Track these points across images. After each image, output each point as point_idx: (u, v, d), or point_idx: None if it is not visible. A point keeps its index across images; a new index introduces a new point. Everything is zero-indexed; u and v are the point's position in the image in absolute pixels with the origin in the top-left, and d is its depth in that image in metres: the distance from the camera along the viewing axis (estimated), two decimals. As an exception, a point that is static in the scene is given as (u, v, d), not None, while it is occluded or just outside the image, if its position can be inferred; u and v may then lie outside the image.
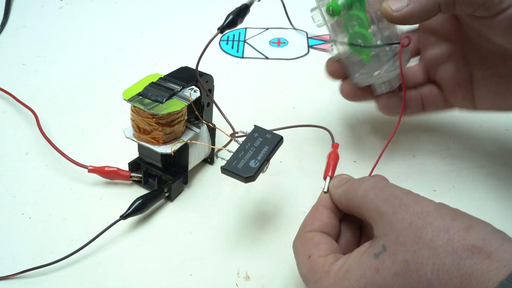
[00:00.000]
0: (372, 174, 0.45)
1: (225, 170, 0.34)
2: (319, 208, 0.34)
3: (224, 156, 0.39)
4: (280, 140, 0.37)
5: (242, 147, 0.36)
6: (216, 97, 0.43)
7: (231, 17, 0.38)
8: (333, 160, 0.40)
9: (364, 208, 0.30)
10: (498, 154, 0.46)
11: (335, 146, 0.42)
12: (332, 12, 0.37)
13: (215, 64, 0.59)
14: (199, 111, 0.42)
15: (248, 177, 0.34)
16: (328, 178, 0.36)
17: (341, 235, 0.33)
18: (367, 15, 0.37)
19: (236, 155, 0.35)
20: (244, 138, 0.37)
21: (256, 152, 0.35)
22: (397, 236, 0.27)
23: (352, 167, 0.45)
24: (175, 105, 0.37)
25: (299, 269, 0.31)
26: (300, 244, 0.32)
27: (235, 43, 0.62)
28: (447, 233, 0.26)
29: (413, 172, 0.45)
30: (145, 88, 0.38)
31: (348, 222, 0.34)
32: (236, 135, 0.39)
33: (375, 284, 0.27)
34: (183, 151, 0.40)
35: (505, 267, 0.23)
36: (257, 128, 0.37)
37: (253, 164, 0.35)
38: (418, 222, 0.27)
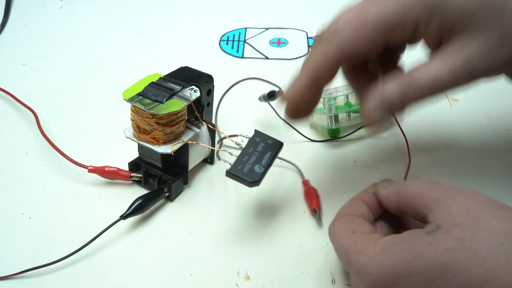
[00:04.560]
0: (374, 176, 0.45)
1: (230, 174, 0.35)
2: (358, 202, 0.34)
3: (224, 157, 0.39)
4: (281, 146, 0.38)
5: (245, 151, 0.36)
6: (216, 97, 0.43)
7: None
8: (312, 195, 0.41)
9: (417, 201, 0.30)
10: (498, 154, 0.46)
11: (306, 183, 0.43)
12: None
13: (215, 64, 0.59)
14: (199, 111, 0.42)
15: (254, 181, 0.35)
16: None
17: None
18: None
19: (240, 159, 0.35)
20: (246, 141, 0.37)
21: (260, 157, 0.36)
22: (454, 218, 0.27)
23: (352, 166, 0.45)
24: (175, 105, 0.37)
25: (340, 244, 0.31)
26: (341, 223, 0.32)
27: (235, 43, 0.62)
28: (506, 221, 0.26)
29: (413, 172, 0.45)
30: (145, 88, 0.38)
31: (384, 223, 0.34)
32: (235, 137, 0.39)
33: (425, 256, 0.26)
34: (183, 151, 0.40)
35: None
36: (258, 133, 0.38)
37: (258, 169, 0.35)
38: (476, 208, 0.27)
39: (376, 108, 0.32)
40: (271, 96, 0.44)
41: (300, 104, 0.35)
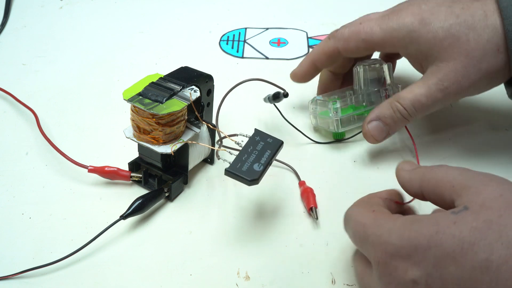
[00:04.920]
0: (374, 176, 0.45)
1: (229, 172, 0.35)
2: (375, 198, 0.34)
3: (224, 157, 0.39)
4: (281, 144, 0.38)
5: (244, 150, 0.36)
6: (216, 97, 0.43)
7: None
8: (309, 194, 0.41)
9: (444, 186, 0.29)
10: (498, 154, 0.46)
11: (302, 184, 0.43)
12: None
13: (215, 64, 0.59)
14: (199, 111, 0.42)
15: (253, 180, 0.34)
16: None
17: None
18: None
19: (239, 158, 0.35)
20: (246, 140, 0.37)
21: (259, 155, 0.36)
22: (484, 201, 0.27)
23: (352, 166, 0.45)
24: (175, 105, 0.37)
25: (358, 221, 0.31)
26: (359, 207, 0.32)
27: (235, 43, 0.62)
28: None
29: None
30: (145, 88, 0.38)
31: None
32: (235, 137, 0.39)
33: (449, 233, 0.26)
34: (183, 151, 0.40)
35: None
36: (258, 132, 0.38)
37: (257, 167, 0.35)
38: (509, 195, 0.27)
39: (371, 122, 0.42)
40: (276, 97, 0.44)
41: (301, 75, 0.48)
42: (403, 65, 0.45)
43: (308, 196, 0.41)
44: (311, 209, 0.40)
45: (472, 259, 0.25)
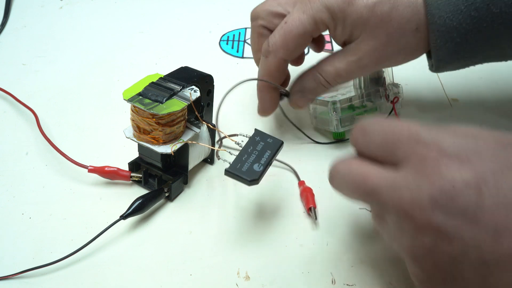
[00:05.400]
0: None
1: (229, 172, 0.35)
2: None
3: (224, 157, 0.39)
4: (281, 144, 0.38)
5: (244, 150, 0.36)
6: (216, 97, 0.43)
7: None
8: (308, 194, 0.41)
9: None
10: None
11: (301, 183, 0.43)
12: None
13: (215, 64, 0.59)
14: (199, 111, 0.42)
15: (253, 180, 0.34)
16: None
17: None
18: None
19: (239, 158, 0.35)
20: (246, 140, 0.37)
21: (259, 156, 0.36)
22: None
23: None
24: (175, 105, 0.37)
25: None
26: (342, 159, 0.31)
27: (235, 43, 0.62)
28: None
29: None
30: (145, 88, 0.38)
31: None
32: (235, 137, 0.39)
33: None
34: (183, 151, 0.40)
35: None
36: (258, 132, 0.38)
37: (257, 167, 0.35)
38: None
39: (296, 93, 0.44)
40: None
41: (270, 106, 0.45)
42: (403, 65, 0.45)
43: (307, 196, 0.41)
44: (310, 209, 0.40)
45: None
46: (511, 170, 0.24)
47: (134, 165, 0.43)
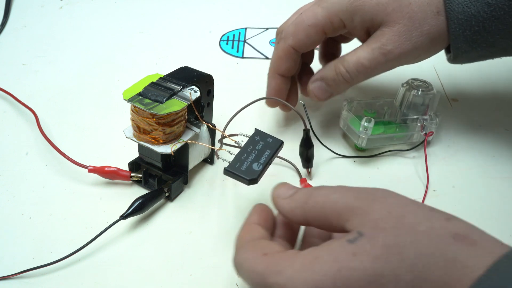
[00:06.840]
0: (373, 176, 0.45)
1: (228, 171, 0.35)
2: (252, 225, 0.31)
3: (224, 157, 0.39)
4: (281, 144, 0.37)
5: (244, 149, 0.36)
6: (216, 97, 0.43)
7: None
8: None
9: (329, 212, 0.28)
10: (498, 154, 0.46)
11: (303, 181, 0.43)
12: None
13: (215, 64, 0.59)
14: (199, 111, 0.42)
15: (252, 179, 0.34)
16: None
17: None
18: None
19: (238, 157, 0.35)
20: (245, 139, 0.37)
21: (259, 155, 0.36)
22: (376, 223, 0.25)
23: (352, 166, 0.45)
24: (175, 105, 0.37)
25: (253, 270, 0.27)
26: (248, 250, 0.29)
27: (235, 43, 0.62)
28: (429, 221, 0.25)
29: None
30: (145, 88, 0.38)
31: (280, 240, 0.32)
32: (235, 137, 0.39)
33: (351, 268, 0.24)
34: (183, 151, 0.40)
35: (491, 254, 0.23)
36: (258, 132, 0.38)
37: (256, 167, 0.35)
38: (397, 210, 0.26)
39: (315, 81, 0.43)
40: None
41: (275, 93, 0.45)
42: (403, 66, 0.45)
43: None
44: None
45: None
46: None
47: (134, 165, 0.43)
